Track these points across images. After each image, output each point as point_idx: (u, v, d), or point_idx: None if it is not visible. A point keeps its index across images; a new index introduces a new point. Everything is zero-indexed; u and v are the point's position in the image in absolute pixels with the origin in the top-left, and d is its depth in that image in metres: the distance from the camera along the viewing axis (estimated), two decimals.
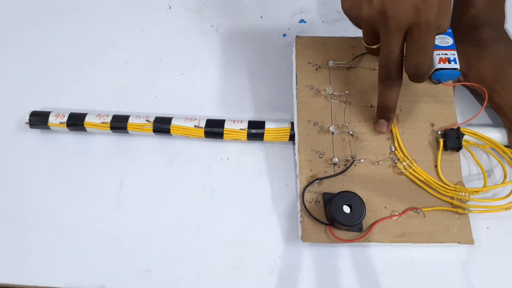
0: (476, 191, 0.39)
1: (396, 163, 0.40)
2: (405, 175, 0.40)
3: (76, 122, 0.45)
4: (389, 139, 0.41)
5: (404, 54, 0.33)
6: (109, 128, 0.44)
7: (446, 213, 0.39)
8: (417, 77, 0.34)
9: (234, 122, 0.44)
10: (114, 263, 0.40)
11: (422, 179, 0.40)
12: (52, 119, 0.45)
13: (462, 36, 0.44)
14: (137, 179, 0.44)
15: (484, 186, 0.40)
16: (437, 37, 0.43)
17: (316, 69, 0.44)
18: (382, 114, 0.39)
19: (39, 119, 0.45)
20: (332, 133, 0.41)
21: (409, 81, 0.43)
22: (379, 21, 0.31)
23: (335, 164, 0.40)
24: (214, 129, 0.43)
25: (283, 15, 0.53)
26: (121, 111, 0.47)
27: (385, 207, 0.39)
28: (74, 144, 0.46)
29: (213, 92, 0.48)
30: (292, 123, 0.43)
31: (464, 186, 0.40)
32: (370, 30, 0.33)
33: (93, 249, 0.41)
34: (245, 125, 0.43)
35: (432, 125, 0.42)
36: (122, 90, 0.49)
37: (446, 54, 0.42)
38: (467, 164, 0.43)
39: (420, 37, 0.30)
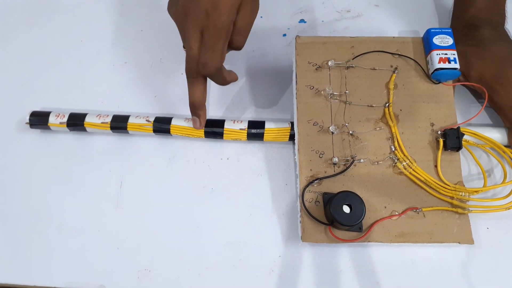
0: (476, 191, 0.39)
1: (396, 163, 0.40)
2: (405, 175, 0.40)
3: (76, 122, 0.45)
4: (389, 139, 0.41)
5: None
6: (109, 128, 0.44)
7: (446, 213, 0.39)
8: (211, 77, 0.37)
9: (234, 122, 0.44)
10: (114, 263, 0.40)
11: (422, 179, 0.40)
12: (52, 119, 0.45)
13: (462, 36, 0.44)
14: (137, 179, 0.44)
15: (484, 186, 0.40)
16: (437, 37, 0.43)
17: (316, 69, 0.44)
18: (193, 111, 0.40)
19: (39, 119, 0.45)
20: (332, 133, 0.41)
21: (409, 81, 0.43)
22: (182, 20, 0.35)
23: (335, 164, 0.40)
24: (214, 129, 0.43)
25: (283, 15, 0.53)
26: (121, 111, 0.47)
27: (385, 207, 0.39)
28: (74, 144, 0.46)
29: (213, 92, 0.48)
30: (292, 123, 0.43)
31: (464, 186, 0.40)
32: (180, 31, 0.36)
33: (93, 249, 0.41)
34: (245, 125, 0.43)
35: (432, 125, 0.42)
36: (122, 90, 0.49)
37: (446, 54, 0.42)
38: (467, 164, 0.43)
39: (208, 38, 0.34)
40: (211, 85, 0.49)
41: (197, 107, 0.40)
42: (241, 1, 0.34)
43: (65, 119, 0.45)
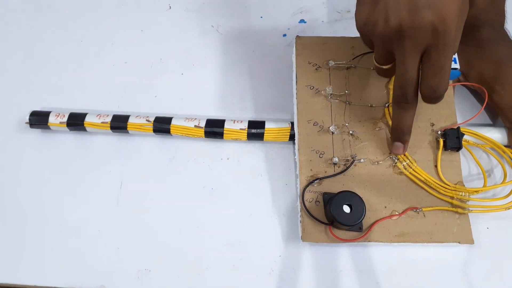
0: (476, 191, 0.39)
1: (396, 163, 0.40)
2: (405, 175, 0.40)
3: (76, 122, 0.45)
4: (389, 139, 0.41)
5: (420, 76, 0.31)
6: (109, 128, 0.44)
7: (446, 213, 0.39)
8: (432, 99, 0.32)
9: (234, 122, 0.44)
10: (114, 263, 0.40)
11: (422, 179, 0.40)
12: (52, 119, 0.45)
13: (462, 36, 0.44)
14: (137, 179, 0.44)
15: (484, 186, 0.40)
16: None
17: (316, 69, 0.44)
18: (398, 137, 0.37)
19: (39, 119, 0.45)
20: (332, 133, 0.41)
21: None
22: (395, 40, 0.29)
23: (335, 164, 0.40)
24: (214, 129, 0.43)
25: (283, 15, 0.53)
26: (121, 111, 0.47)
27: (385, 207, 0.39)
28: (74, 144, 0.46)
29: (213, 92, 0.48)
30: (292, 123, 0.43)
31: (464, 186, 0.40)
32: (384, 49, 0.32)
33: (93, 249, 0.41)
34: (245, 125, 0.43)
35: (432, 125, 0.42)
36: (122, 90, 0.49)
37: None
38: (467, 164, 0.43)
39: (437, 58, 0.29)
40: (211, 84, 0.49)
41: (406, 133, 0.36)
42: (461, 5, 0.28)
43: (65, 119, 0.45)
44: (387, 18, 0.29)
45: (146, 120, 0.44)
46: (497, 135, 0.42)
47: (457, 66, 0.42)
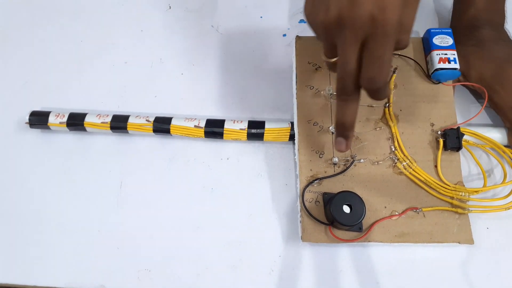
0: (476, 191, 0.39)
1: (396, 163, 0.40)
2: (405, 175, 0.40)
3: (76, 122, 0.45)
4: (389, 139, 0.41)
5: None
6: (109, 128, 0.44)
7: (446, 213, 0.39)
8: (372, 92, 0.31)
9: (234, 122, 0.44)
10: (114, 263, 0.40)
11: (422, 179, 0.40)
12: (52, 119, 0.45)
13: (462, 36, 0.44)
14: (137, 179, 0.44)
15: (484, 186, 0.40)
16: (436, 37, 0.43)
17: (316, 69, 0.44)
18: (340, 132, 0.34)
19: (39, 119, 0.45)
20: (332, 133, 0.41)
21: (408, 81, 0.43)
22: (335, 30, 0.29)
23: (335, 164, 0.40)
24: (214, 129, 0.43)
25: (283, 15, 0.53)
26: (121, 111, 0.47)
27: (385, 207, 0.39)
28: (74, 144, 0.46)
29: (213, 92, 0.48)
30: (292, 123, 0.43)
31: (464, 186, 0.40)
32: (327, 40, 0.31)
33: (93, 249, 0.41)
34: (245, 125, 0.43)
35: (432, 125, 0.42)
36: (122, 90, 0.49)
37: (446, 54, 0.42)
38: (467, 164, 0.43)
39: (375, 48, 0.28)
40: (211, 84, 0.49)
41: (347, 128, 0.34)
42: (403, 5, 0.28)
43: (65, 119, 0.45)
44: (327, 7, 0.29)
45: (146, 120, 0.44)
46: (497, 135, 0.42)
47: (457, 66, 0.42)
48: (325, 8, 0.29)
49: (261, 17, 0.53)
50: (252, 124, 0.43)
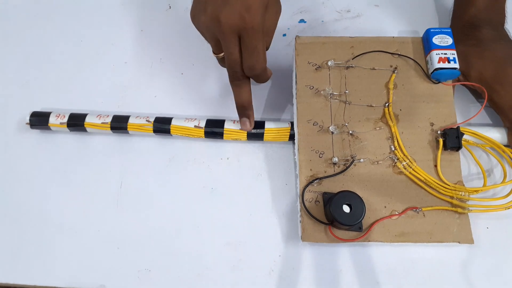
0: (476, 191, 0.39)
1: (396, 163, 0.40)
2: (405, 174, 0.40)
3: (76, 122, 0.45)
4: (389, 139, 0.41)
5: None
6: (109, 128, 0.44)
7: (446, 213, 0.39)
8: (255, 78, 0.38)
9: (234, 122, 0.44)
10: (114, 263, 0.40)
11: (422, 178, 0.40)
12: (52, 120, 0.45)
13: (462, 36, 0.44)
14: (137, 179, 0.44)
15: (484, 185, 0.40)
16: (436, 36, 0.43)
17: (316, 69, 0.44)
18: (242, 113, 0.41)
19: (39, 120, 0.45)
20: (332, 133, 0.41)
21: (408, 81, 0.43)
22: (215, 27, 0.34)
23: (335, 163, 0.40)
24: (214, 129, 0.43)
25: (283, 15, 0.52)
26: (121, 111, 0.47)
27: (385, 207, 0.39)
28: (74, 144, 0.46)
29: (213, 92, 0.48)
30: (292, 123, 0.43)
31: (463, 185, 0.40)
32: (211, 38, 0.36)
33: (93, 249, 0.41)
34: None
35: (432, 124, 0.42)
36: (122, 90, 0.49)
37: (445, 53, 0.42)
38: (467, 163, 0.43)
39: (249, 40, 0.34)
40: (211, 84, 0.49)
41: (246, 107, 0.40)
42: (267, 2, 0.34)
43: (65, 120, 0.45)
44: (205, 9, 0.34)
45: (146, 120, 0.44)
46: (497, 135, 0.42)
47: (457, 65, 0.42)
48: (203, 11, 0.34)
49: None
50: None
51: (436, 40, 0.43)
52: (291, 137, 0.43)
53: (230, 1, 0.33)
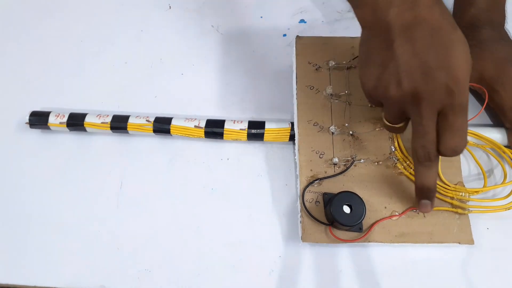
0: (476, 191, 0.39)
1: (396, 163, 0.40)
2: (405, 175, 0.40)
3: (76, 122, 0.45)
4: (389, 139, 0.41)
5: (439, 136, 0.31)
6: (109, 128, 0.44)
7: (446, 213, 0.39)
8: (453, 157, 0.34)
9: (234, 122, 0.44)
10: (114, 263, 0.40)
11: None
12: (52, 119, 0.45)
13: None
14: (137, 179, 0.44)
15: (484, 186, 0.40)
16: None
17: (316, 69, 0.44)
18: (426, 195, 0.35)
19: (39, 119, 0.45)
20: (332, 133, 0.41)
21: None
22: (410, 103, 0.30)
23: (335, 164, 0.40)
24: (214, 129, 0.43)
25: (283, 15, 0.53)
26: (121, 111, 0.47)
27: (385, 207, 0.39)
28: (74, 144, 0.46)
29: (213, 92, 0.48)
30: (292, 123, 0.43)
31: (464, 186, 0.40)
32: (397, 111, 0.32)
33: (93, 249, 0.41)
34: (245, 125, 0.43)
35: None
36: (122, 90, 0.49)
37: None
38: (467, 164, 0.43)
39: (455, 119, 0.29)
40: (211, 84, 0.49)
41: (432, 190, 0.35)
42: (470, 62, 0.30)
43: (65, 119, 0.45)
44: (399, 81, 0.29)
45: (146, 120, 0.44)
46: (497, 135, 0.42)
47: None
48: (397, 81, 0.29)
49: (261, 17, 0.53)
50: (252, 124, 0.43)
51: None
52: (291, 138, 0.43)
53: (432, 74, 0.28)
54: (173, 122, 0.44)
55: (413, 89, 0.29)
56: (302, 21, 0.52)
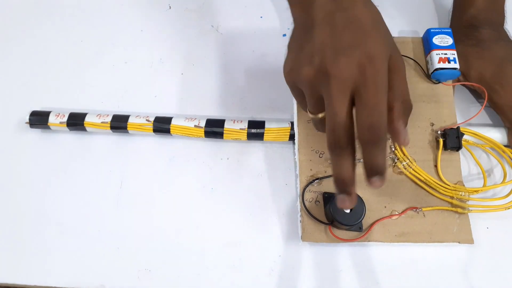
0: (476, 191, 0.39)
1: (396, 163, 0.40)
2: (405, 174, 0.40)
3: (76, 121, 0.45)
4: (388, 139, 0.41)
5: (355, 118, 0.28)
6: (109, 128, 0.44)
7: (446, 213, 0.39)
8: (372, 143, 0.28)
9: (234, 122, 0.44)
10: (114, 263, 0.40)
11: (422, 178, 0.40)
12: (52, 119, 0.45)
13: (462, 36, 0.44)
14: (137, 179, 0.44)
15: (484, 185, 0.40)
16: (436, 37, 0.43)
17: None
18: (341, 188, 0.30)
19: (39, 119, 0.45)
20: None
21: (408, 81, 0.43)
22: (321, 81, 0.28)
23: None
24: (214, 128, 0.43)
25: (283, 15, 0.53)
26: (121, 111, 0.47)
27: (385, 207, 0.39)
28: (74, 144, 0.46)
29: (213, 92, 0.48)
30: (292, 123, 0.43)
31: (464, 185, 0.40)
32: (312, 94, 0.30)
33: (93, 249, 0.41)
34: (245, 125, 0.43)
35: (432, 124, 0.42)
36: (122, 90, 0.49)
37: (445, 53, 0.42)
38: (467, 164, 0.43)
39: (369, 97, 0.27)
40: (211, 84, 0.49)
41: (347, 183, 0.30)
42: (390, 53, 0.28)
43: (65, 119, 0.45)
44: (311, 60, 0.28)
45: (146, 120, 0.44)
46: (497, 135, 0.42)
47: (457, 66, 0.42)
48: (309, 60, 0.28)
49: (261, 17, 0.53)
50: (252, 124, 0.43)
51: (436, 40, 0.43)
52: (291, 137, 0.43)
53: (346, 51, 0.27)
54: (173, 122, 0.44)
55: (322, 65, 0.27)
56: None
